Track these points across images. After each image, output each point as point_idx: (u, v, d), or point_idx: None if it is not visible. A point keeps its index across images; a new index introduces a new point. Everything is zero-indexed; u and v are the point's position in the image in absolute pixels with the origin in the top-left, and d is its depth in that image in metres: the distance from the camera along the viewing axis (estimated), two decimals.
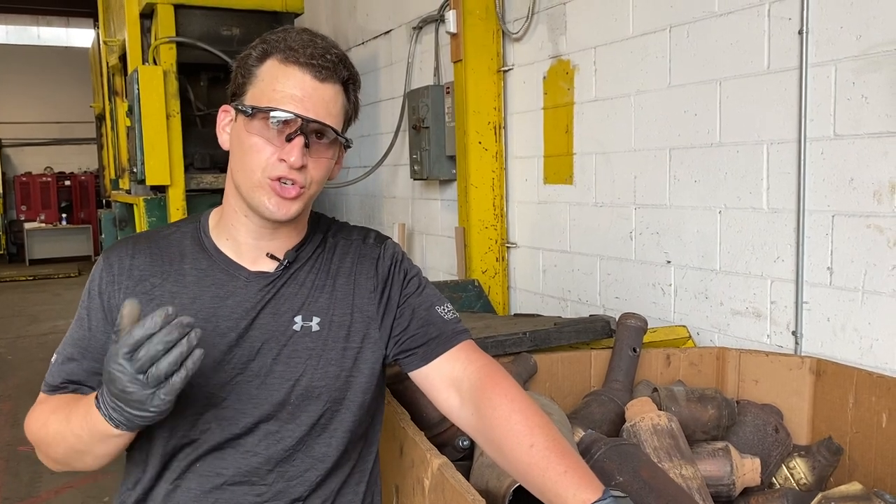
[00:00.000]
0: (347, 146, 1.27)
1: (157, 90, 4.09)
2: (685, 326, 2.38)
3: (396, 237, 4.34)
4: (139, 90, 4.06)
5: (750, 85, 2.20)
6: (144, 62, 4.35)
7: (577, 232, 3.00)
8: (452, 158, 3.60)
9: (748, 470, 1.64)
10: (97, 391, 1.09)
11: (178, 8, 4.26)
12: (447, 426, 1.67)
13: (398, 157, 4.37)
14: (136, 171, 4.22)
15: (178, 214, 4.18)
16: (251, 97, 1.20)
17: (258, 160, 1.18)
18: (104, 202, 8.96)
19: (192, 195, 4.34)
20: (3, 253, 14.50)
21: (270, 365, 1.24)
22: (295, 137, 1.16)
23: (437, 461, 1.30)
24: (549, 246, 3.18)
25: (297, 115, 1.16)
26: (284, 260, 1.28)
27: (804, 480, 1.73)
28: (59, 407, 1.20)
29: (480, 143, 3.34)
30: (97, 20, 7.16)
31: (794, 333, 2.10)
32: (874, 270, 1.89)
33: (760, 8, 2.15)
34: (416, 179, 4.04)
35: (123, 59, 4.99)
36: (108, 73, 6.33)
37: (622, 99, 2.69)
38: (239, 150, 1.21)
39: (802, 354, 2.04)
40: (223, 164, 1.27)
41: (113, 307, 1.24)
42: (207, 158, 4.52)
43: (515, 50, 3.30)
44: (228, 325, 1.23)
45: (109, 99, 6.57)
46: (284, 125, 1.16)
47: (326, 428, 1.28)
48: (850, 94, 1.92)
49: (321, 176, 1.23)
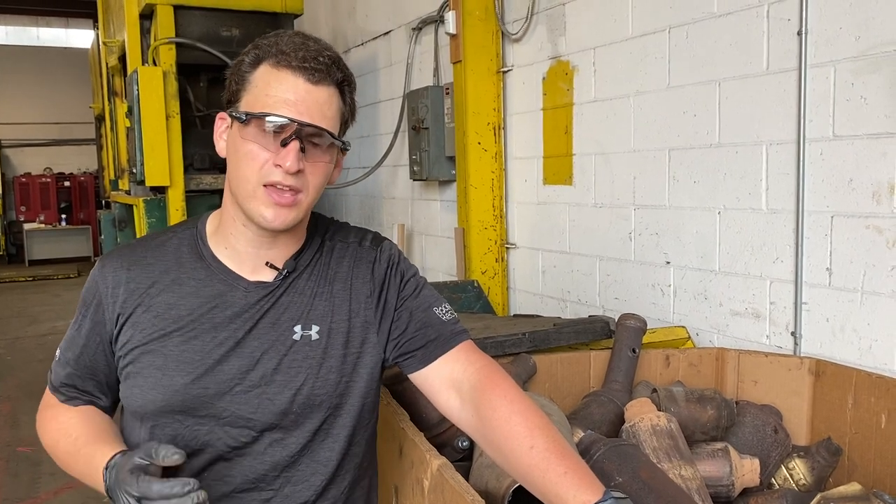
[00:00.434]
0: (345, 149, 1.25)
1: (156, 91, 4.08)
2: (684, 327, 2.39)
3: (396, 238, 4.34)
4: (139, 91, 4.06)
5: (749, 86, 2.20)
6: (144, 63, 4.34)
7: (576, 233, 3.00)
8: (452, 159, 3.60)
9: (747, 470, 1.64)
10: (108, 465, 1.11)
11: (177, 9, 4.25)
12: (447, 427, 1.67)
13: (398, 157, 4.37)
14: (135, 171, 4.21)
15: (177, 215, 4.18)
16: (245, 103, 1.19)
17: (253, 167, 1.17)
18: (104, 203, 8.94)
19: (191, 196, 4.34)
20: (2, 254, 14.50)
21: (271, 375, 1.24)
22: (290, 142, 1.15)
23: (436, 462, 1.30)
24: (548, 247, 3.18)
25: (290, 119, 1.15)
26: (284, 270, 1.27)
27: (803, 481, 1.73)
28: (68, 431, 1.25)
29: (480, 143, 3.34)
30: (96, 21, 7.15)
31: (793, 334, 2.10)
32: (873, 271, 1.90)
33: (759, 9, 2.15)
34: (415, 180, 4.05)
35: (123, 59, 4.99)
36: (107, 73, 6.33)
37: (621, 100, 2.69)
38: (234, 157, 1.20)
39: (802, 355, 2.04)
40: (223, 165, 1.26)
41: (107, 320, 1.24)
42: (207, 159, 4.51)
43: (515, 51, 3.30)
44: (226, 334, 1.23)
45: (109, 100, 6.57)
46: (279, 130, 1.15)
47: (329, 433, 1.28)
48: (849, 94, 1.92)
49: (319, 181, 1.21)
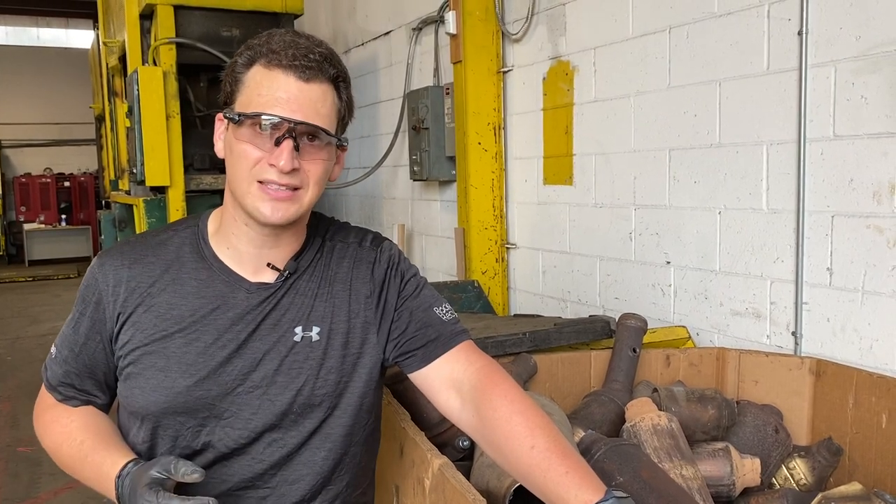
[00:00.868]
0: (341, 145, 1.24)
1: (156, 91, 4.08)
2: (685, 327, 2.38)
3: (396, 238, 4.34)
4: (139, 91, 4.06)
5: (749, 86, 2.20)
6: (144, 63, 4.34)
7: (576, 233, 3.00)
8: (452, 159, 3.60)
9: (748, 470, 1.64)
10: (121, 473, 1.13)
11: (177, 9, 4.25)
12: (447, 426, 1.67)
13: (398, 157, 4.37)
14: (135, 171, 4.21)
15: (177, 215, 4.18)
16: (240, 104, 1.19)
17: (247, 165, 1.17)
18: (104, 203, 8.94)
19: (191, 196, 4.34)
20: (2, 254, 14.50)
21: (272, 376, 1.24)
22: (283, 141, 1.15)
23: (437, 461, 1.30)
24: (548, 247, 3.18)
25: (282, 118, 1.14)
26: (285, 271, 1.27)
27: (804, 481, 1.73)
28: (71, 435, 1.24)
29: (480, 143, 3.34)
30: (97, 21, 7.14)
31: (793, 334, 2.10)
32: (874, 271, 1.90)
33: (760, 9, 2.15)
34: (415, 180, 4.04)
35: (123, 60, 4.98)
36: (107, 74, 6.32)
37: (622, 100, 2.69)
38: (231, 157, 1.21)
39: (802, 355, 2.04)
40: (223, 165, 1.27)
41: (107, 319, 1.24)
42: (207, 159, 4.51)
43: (515, 51, 3.30)
44: (229, 336, 1.23)
45: (109, 100, 6.57)
46: (273, 129, 1.15)
47: (326, 432, 1.28)
48: (849, 94, 1.92)
49: (318, 178, 1.21)
